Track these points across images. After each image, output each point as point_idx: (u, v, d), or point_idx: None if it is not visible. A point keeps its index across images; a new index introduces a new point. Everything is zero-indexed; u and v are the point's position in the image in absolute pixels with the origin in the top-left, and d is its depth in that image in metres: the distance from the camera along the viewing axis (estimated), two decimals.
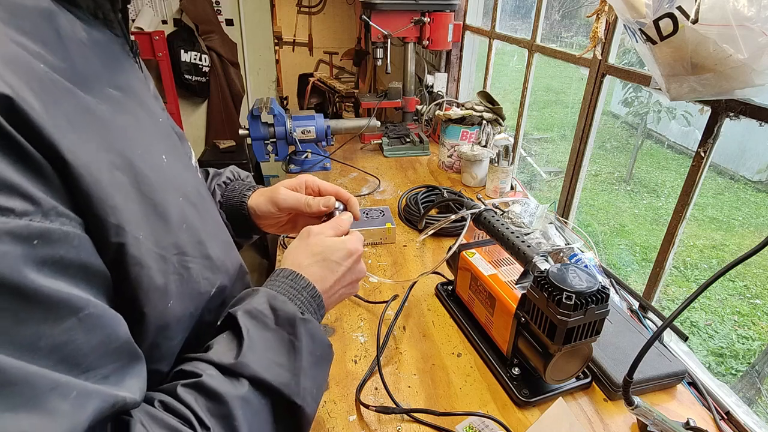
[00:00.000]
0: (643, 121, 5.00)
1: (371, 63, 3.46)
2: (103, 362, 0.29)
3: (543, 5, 1.39)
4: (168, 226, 0.37)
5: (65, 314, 0.27)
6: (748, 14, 0.61)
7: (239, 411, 0.36)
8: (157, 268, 0.35)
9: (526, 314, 0.71)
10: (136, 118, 0.38)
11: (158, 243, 0.36)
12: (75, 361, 0.27)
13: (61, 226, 0.27)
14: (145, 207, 0.35)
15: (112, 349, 0.30)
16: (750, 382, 2.36)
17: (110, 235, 0.31)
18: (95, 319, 0.29)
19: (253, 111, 1.53)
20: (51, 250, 0.26)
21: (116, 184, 0.32)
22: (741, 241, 3.75)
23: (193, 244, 0.41)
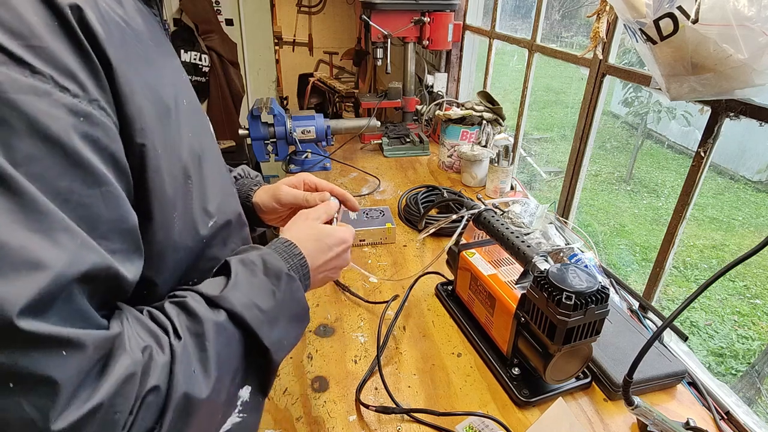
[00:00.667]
0: (643, 121, 5.00)
1: (371, 63, 3.46)
2: (113, 237, 0.34)
3: (543, 5, 1.39)
4: (180, 152, 0.43)
5: (94, 183, 0.33)
6: (748, 14, 0.61)
7: (212, 333, 0.40)
8: (168, 181, 0.41)
9: (526, 314, 0.71)
10: (167, 62, 0.46)
11: (171, 161, 0.41)
12: (93, 224, 0.33)
13: (100, 116, 0.34)
14: (164, 130, 0.41)
15: (123, 230, 0.35)
16: (750, 382, 2.36)
17: (136, 136, 0.37)
18: (115, 198, 0.34)
19: (253, 111, 1.53)
20: (92, 130, 0.33)
21: (147, 100, 0.38)
22: (741, 241, 3.75)
23: (197, 177, 0.46)
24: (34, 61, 0.30)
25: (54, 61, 0.31)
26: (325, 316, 0.95)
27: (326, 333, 0.91)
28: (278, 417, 0.73)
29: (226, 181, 0.55)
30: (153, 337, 0.37)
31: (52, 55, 0.31)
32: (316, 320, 0.94)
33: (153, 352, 0.36)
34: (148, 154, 0.38)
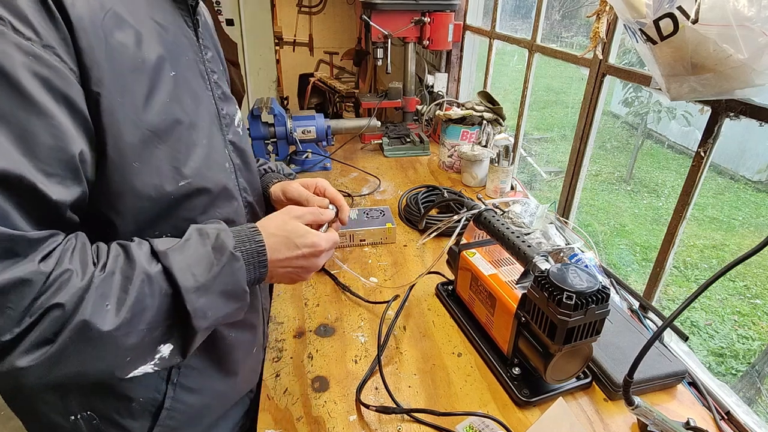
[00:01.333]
0: (643, 121, 5.00)
1: (371, 63, 3.46)
2: (50, 162, 0.40)
3: (543, 5, 1.39)
4: (148, 109, 0.48)
5: (36, 112, 0.38)
6: (748, 14, 0.62)
7: (138, 280, 0.44)
8: (129, 130, 0.46)
9: (527, 314, 0.71)
10: (162, 42, 0.51)
11: (136, 114, 0.47)
12: (28, 145, 0.38)
13: (54, 61, 0.39)
14: (133, 86, 0.46)
15: (61, 158, 0.40)
16: (750, 382, 2.36)
17: (92, 85, 0.43)
18: (55, 129, 0.40)
19: (254, 111, 1.53)
20: (42, 70, 0.38)
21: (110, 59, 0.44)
22: (741, 241, 3.75)
23: (170, 136, 0.50)
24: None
25: (15, 10, 0.37)
26: (326, 316, 0.95)
27: (326, 333, 0.91)
28: (278, 417, 0.73)
29: (218, 154, 0.59)
30: (82, 264, 0.42)
31: (13, 5, 0.37)
32: (316, 320, 0.94)
33: (73, 275, 0.41)
34: (103, 101, 0.43)
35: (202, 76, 0.59)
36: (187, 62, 0.56)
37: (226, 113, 0.63)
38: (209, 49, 0.62)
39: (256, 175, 0.73)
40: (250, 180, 0.69)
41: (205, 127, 0.56)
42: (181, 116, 0.52)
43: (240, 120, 0.68)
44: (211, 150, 0.57)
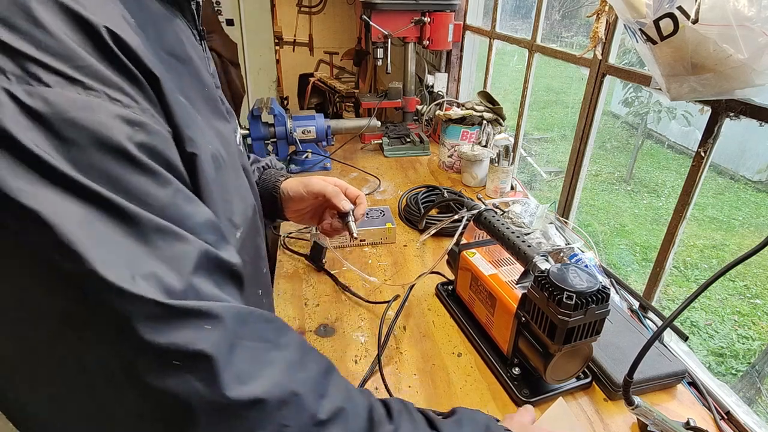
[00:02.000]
0: (643, 121, 5.00)
1: (371, 63, 3.46)
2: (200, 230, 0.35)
3: (543, 5, 1.39)
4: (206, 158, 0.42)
5: (164, 182, 0.33)
6: (748, 14, 0.62)
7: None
8: (212, 188, 0.41)
9: (527, 314, 0.71)
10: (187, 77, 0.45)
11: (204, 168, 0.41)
12: (179, 221, 0.33)
13: (154, 124, 0.34)
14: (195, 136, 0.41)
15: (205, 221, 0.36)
16: (750, 382, 2.36)
17: (186, 145, 0.37)
18: (187, 195, 0.35)
19: (254, 111, 1.53)
20: (147, 138, 0.33)
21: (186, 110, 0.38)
22: (741, 241, 3.76)
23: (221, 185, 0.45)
24: (84, 78, 0.30)
25: (101, 77, 0.32)
26: (326, 316, 0.95)
27: (326, 333, 0.91)
28: None
29: (246, 192, 0.53)
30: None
31: (98, 73, 0.31)
32: (316, 320, 0.94)
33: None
34: (199, 165, 0.38)
35: (217, 96, 0.54)
36: (207, 94, 0.49)
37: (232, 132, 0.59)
38: (210, 60, 0.57)
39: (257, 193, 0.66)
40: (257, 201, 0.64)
41: (233, 164, 0.51)
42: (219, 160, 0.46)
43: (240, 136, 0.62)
44: (242, 186, 0.52)
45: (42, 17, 0.30)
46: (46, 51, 0.29)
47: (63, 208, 0.27)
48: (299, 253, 1.15)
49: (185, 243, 0.32)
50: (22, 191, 0.26)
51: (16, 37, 0.29)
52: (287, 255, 1.16)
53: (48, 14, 0.30)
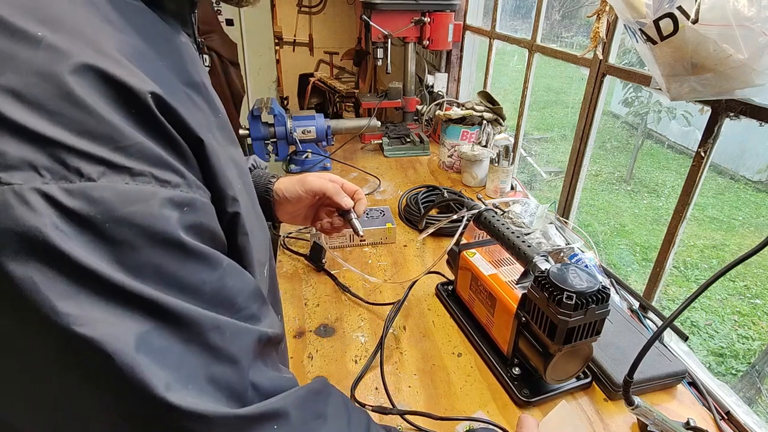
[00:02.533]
0: (643, 121, 5.00)
1: (371, 63, 3.46)
2: (248, 303, 0.34)
3: (543, 5, 1.39)
4: (248, 206, 0.41)
5: (216, 264, 0.32)
6: (748, 14, 0.62)
7: None
8: (254, 242, 0.40)
9: (527, 314, 0.71)
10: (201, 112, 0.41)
11: (249, 220, 0.40)
12: (230, 302, 0.32)
13: (200, 197, 0.32)
14: (244, 189, 0.40)
15: (251, 292, 0.35)
16: (750, 382, 2.36)
17: (227, 206, 0.36)
18: (235, 269, 0.34)
19: (254, 111, 1.53)
20: (195, 216, 0.31)
21: (228, 168, 0.37)
22: (741, 241, 3.76)
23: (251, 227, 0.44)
24: (130, 162, 0.27)
25: (147, 156, 0.28)
26: (326, 316, 0.95)
27: (326, 333, 0.91)
28: None
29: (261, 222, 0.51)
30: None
31: (143, 151, 0.28)
32: (316, 320, 0.94)
33: None
34: (240, 221, 0.37)
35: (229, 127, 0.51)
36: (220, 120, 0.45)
37: None
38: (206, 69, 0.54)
39: None
40: None
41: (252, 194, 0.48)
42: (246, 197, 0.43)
43: None
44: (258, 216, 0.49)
45: (78, 92, 0.26)
46: (84, 134, 0.26)
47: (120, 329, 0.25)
48: (299, 253, 1.15)
49: (241, 335, 0.32)
50: (71, 317, 0.24)
51: (47, 122, 0.25)
52: (287, 255, 1.16)
53: (85, 87, 0.26)
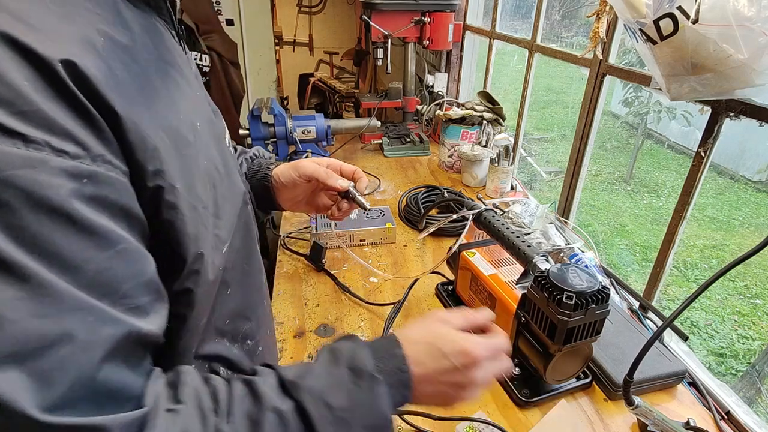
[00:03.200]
0: (643, 121, 5.00)
1: (371, 63, 3.46)
2: (135, 293, 0.33)
3: (543, 5, 1.39)
4: (197, 182, 0.41)
5: (107, 245, 0.31)
6: (748, 14, 0.62)
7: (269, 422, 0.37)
8: (190, 216, 0.39)
9: (527, 314, 0.71)
10: (179, 89, 0.43)
11: (191, 194, 0.39)
12: (113, 286, 0.31)
13: (106, 171, 0.31)
14: (182, 163, 0.39)
15: (143, 282, 0.34)
16: (750, 382, 2.36)
17: (148, 180, 0.35)
18: (130, 254, 0.33)
19: (254, 111, 1.53)
20: (98, 189, 0.31)
21: (159, 141, 0.36)
22: (741, 241, 3.76)
23: (210, 203, 0.44)
24: (26, 128, 0.28)
25: (48, 124, 0.29)
26: (326, 316, 0.95)
27: (326, 333, 0.91)
28: None
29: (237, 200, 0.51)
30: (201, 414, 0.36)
31: (45, 118, 0.28)
32: (316, 320, 0.94)
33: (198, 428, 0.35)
34: (165, 195, 0.36)
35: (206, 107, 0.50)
36: (198, 98, 0.47)
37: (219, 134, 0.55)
38: (191, 60, 0.53)
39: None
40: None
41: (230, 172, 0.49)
42: (214, 175, 0.44)
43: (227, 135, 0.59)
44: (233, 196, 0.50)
45: None
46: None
47: None
48: (299, 253, 1.15)
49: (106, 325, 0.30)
50: None
51: None
52: (287, 255, 1.16)
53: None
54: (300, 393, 0.39)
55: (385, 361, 0.44)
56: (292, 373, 0.41)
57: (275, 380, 0.40)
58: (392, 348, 0.46)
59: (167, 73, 0.42)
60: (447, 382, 0.47)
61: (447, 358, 0.47)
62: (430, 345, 0.47)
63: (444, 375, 0.47)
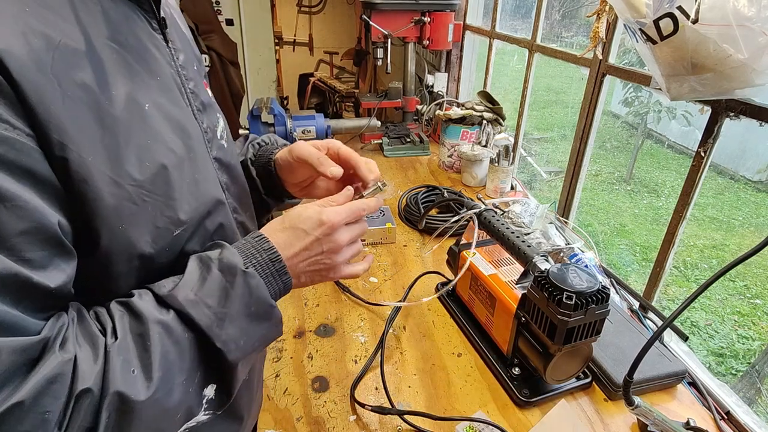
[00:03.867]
0: (643, 121, 5.00)
1: (371, 63, 3.46)
2: (28, 247, 0.34)
3: (543, 5, 1.39)
4: (126, 159, 0.41)
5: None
6: (748, 14, 0.62)
7: (156, 334, 0.40)
8: (107, 191, 0.39)
9: (527, 314, 0.71)
10: (125, 68, 0.43)
11: (113, 169, 0.40)
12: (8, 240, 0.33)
13: (2, 131, 0.33)
14: (104, 137, 0.40)
15: (40, 238, 0.35)
16: (750, 382, 2.36)
17: (54, 150, 0.36)
18: (25, 210, 0.34)
19: (254, 111, 1.53)
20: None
21: (70, 110, 0.37)
22: (741, 241, 3.76)
23: (158, 183, 0.44)
24: None
25: None
26: (326, 316, 0.95)
27: (326, 333, 0.91)
28: (278, 417, 0.73)
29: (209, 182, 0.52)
30: (90, 338, 0.37)
31: None
32: (316, 320, 0.94)
33: (88, 354, 0.36)
34: (72, 165, 0.37)
35: (179, 90, 0.51)
36: (160, 83, 0.48)
37: (207, 127, 0.54)
38: (181, 51, 0.53)
39: (246, 188, 0.64)
40: (240, 196, 0.61)
41: (193, 156, 0.49)
42: (167, 156, 0.45)
43: (223, 129, 0.59)
44: (202, 180, 0.50)
45: None
46: None
47: None
48: None
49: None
50: None
51: None
52: None
53: None
54: (178, 302, 0.41)
55: (255, 257, 0.48)
56: (166, 288, 0.43)
57: (151, 297, 0.42)
58: (260, 243, 0.49)
59: (115, 54, 0.43)
60: (316, 254, 0.52)
61: (308, 233, 0.51)
62: (293, 228, 0.51)
63: (311, 249, 0.51)
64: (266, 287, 0.47)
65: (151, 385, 0.38)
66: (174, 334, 0.41)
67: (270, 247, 0.49)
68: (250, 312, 0.45)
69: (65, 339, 0.36)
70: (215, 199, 0.52)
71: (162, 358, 0.39)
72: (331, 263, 0.54)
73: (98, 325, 0.39)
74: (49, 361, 0.34)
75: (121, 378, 0.37)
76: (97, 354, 0.37)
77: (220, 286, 0.44)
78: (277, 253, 0.49)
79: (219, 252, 0.46)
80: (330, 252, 0.53)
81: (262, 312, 0.46)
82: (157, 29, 0.49)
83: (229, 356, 0.43)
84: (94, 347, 0.37)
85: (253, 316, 0.46)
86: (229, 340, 0.43)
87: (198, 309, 0.42)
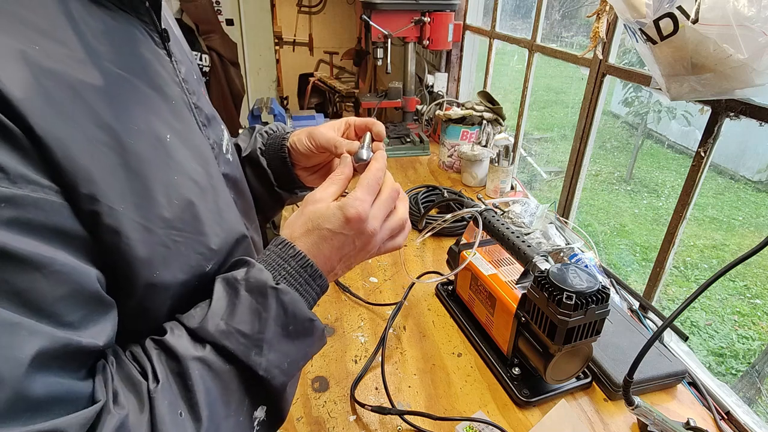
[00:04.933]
0: (643, 121, 5.01)
1: (371, 63, 3.46)
2: (68, 310, 0.32)
3: (543, 5, 1.39)
4: (155, 200, 0.38)
5: (29, 268, 0.30)
6: (748, 14, 0.62)
7: (196, 371, 0.37)
8: (140, 239, 0.37)
9: (527, 314, 0.71)
10: (141, 98, 0.40)
11: (144, 215, 0.37)
12: (36, 306, 0.30)
13: (30, 193, 0.30)
14: (132, 181, 0.37)
15: (80, 300, 0.33)
16: (750, 382, 2.36)
17: (82, 204, 0.33)
18: (63, 275, 0.31)
19: (254, 111, 1.53)
20: (17, 213, 0.29)
21: (96, 158, 0.34)
22: (741, 241, 3.76)
23: (187, 220, 0.41)
24: None
25: None
26: (326, 316, 0.95)
27: (326, 333, 0.91)
28: None
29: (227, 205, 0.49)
30: (132, 386, 0.36)
31: None
32: None
33: (134, 404, 0.35)
34: (103, 219, 0.34)
35: (187, 108, 0.47)
36: (174, 108, 0.44)
37: (214, 142, 0.51)
38: (182, 64, 0.50)
39: (250, 200, 0.62)
40: (246, 210, 0.58)
41: (213, 184, 0.47)
42: (192, 190, 0.42)
43: (228, 141, 0.56)
44: (224, 208, 0.47)
45: None
46: None
47: None
48: None
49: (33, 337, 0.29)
50: None
51: None
52: None
53: None
54: (210, 335, 0.39)
55: (284, 267, 0.44)
56: (195, 319, 0.40)
57: (184, 331, 0.40)
58: (285, 251, 0.45)
59: (128, 83, 0.39)
60: (349, 252, 0.48)
61: (335, 233, 0.46)
62: (317, 229, 0.46)
63: (342, 249, 0.47)
64: (301, 299, 0.44)
65: (201, 426, 0.36)
66: (213, 369, 0.39)
67: (297, 253, 0.45)
68: (289, 332, 0.42)
69: (116, 393, 0.34)
70: (240, 233, 0.50)
71: (206, 396, 0.37)
72: (367, 252, 0.50)
73: (137, 367, 0.37)
74: (107, 423, 0.32)
75: (170, 423, 0.35)
76: (142, 402, 0.35)
77: (252, 309, 0.41)
78: (306, 257, 0.45)
79: (245, 271, 0.43)
80: (365, 244, 0.49)
81: (302, 329, 0.43)
82: (160, 44, 0.46)
83: (274, 382, 0.41)
84: (138, 395, 0.35)
85: (293, 335, 0.43)
86: (270, 366, 0.41)
87: (232, 339, 0.39)
